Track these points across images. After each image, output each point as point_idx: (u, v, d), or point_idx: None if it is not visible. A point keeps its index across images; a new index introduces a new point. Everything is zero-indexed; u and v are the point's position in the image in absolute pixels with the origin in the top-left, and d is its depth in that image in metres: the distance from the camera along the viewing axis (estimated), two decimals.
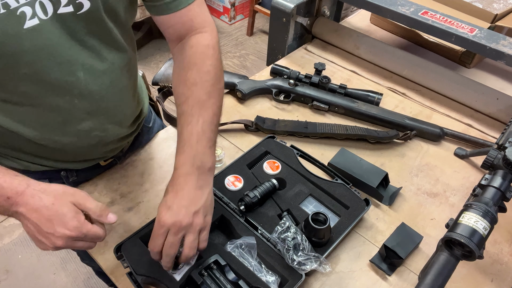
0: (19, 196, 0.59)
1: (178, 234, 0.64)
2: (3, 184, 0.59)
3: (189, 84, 0.72)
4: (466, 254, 0.64)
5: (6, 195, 0.59)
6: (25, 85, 0.64)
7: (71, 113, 0.71)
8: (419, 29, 1.13)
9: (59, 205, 0.59)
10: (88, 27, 0.65)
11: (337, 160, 0.93)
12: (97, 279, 1.74)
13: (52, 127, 0.72)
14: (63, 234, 0.59)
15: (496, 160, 0.73)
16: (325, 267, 0.70)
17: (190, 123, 0.69)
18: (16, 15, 0.56)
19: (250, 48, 3.16)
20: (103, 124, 0.77)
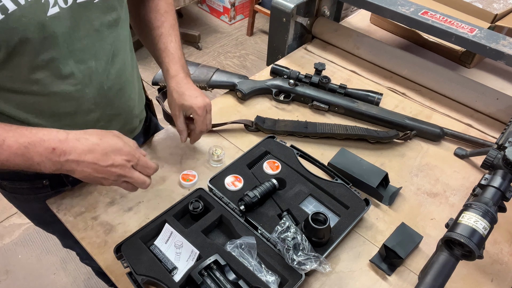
0: (63, 143, 0.60)
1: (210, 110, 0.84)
2: (43, 137, 0.59)
3: (162, 11, 0.86)
4: (466, 254, 0.64)
5: (50, 147, 0.59)
6: (41, 72, 0.65)
7: (81, 103, 0.74)
8: (419, 29, 1.13)
9: (107, 139, 0.63)
10: (102, 16, 0.69)
11: (337, 160, 0.93)
12: (97, 279, 1.74)
13: (63, 117, 0.74)
14: (122, 161, 0.63)
15: (496, 160, 0.74)
16: (325, 267, 0.70)
17: (171, 41, 0.85)
18: (41, 2, 0.59)
19: (250, 48, 3.16)
20: (108, 116, 0.81)
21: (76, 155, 0.60)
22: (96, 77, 0.73)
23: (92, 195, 0.88)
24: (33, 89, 0.67)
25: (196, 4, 3.53)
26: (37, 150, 0.59)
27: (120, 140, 0.65)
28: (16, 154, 0.59)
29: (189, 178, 0.89)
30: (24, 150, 0.59)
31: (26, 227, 1.96)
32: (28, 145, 0.59)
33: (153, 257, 0.72)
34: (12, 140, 0.59)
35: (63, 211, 0.85)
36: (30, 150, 0.59)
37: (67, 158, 0.60)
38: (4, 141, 0.58)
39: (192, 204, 0.81)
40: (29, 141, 0.59)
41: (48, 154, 0.59)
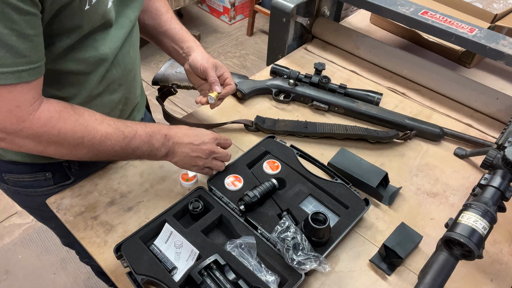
0: (170, 130, 0.78)
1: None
2: (158, 127, 0.77)
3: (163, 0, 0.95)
4: (466, 253, 0.64)
5: (164, 133, 0.77)
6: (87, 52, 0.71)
7: (110, 83, 0.80)
8: (419, 29, 1.13)
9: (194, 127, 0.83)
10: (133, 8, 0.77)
11: (337, 160, 0.93)
12: (97, 279, 1.74)
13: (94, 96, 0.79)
14: (208, 138, 0.81)
15: (495, 160, 0.74)
16: (325, 266, 0.70)
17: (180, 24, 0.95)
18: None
19: (250, 48, 3.16)
20: (126, 99, 0.87)
21: (177, 138, 0.78)
22: (123, 60, 0.80)
23: (92, 195, 0.88)
24: (78, 68, 0.72)
25: (196, 4, 3.53)
26: (156, 138, 0.76)
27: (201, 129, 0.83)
28: (144, 142, 0.75)
29: (189, 178, 0.89)
30: (149, 138, 0.75)
31: (26, 227, 1.96)
32: (151, 133, 0.75)
33: (153, 257, 0.72)
34: (141, 130, 0.75)
35: (63, 211, 0.85)
36: (153, 138, 0.76)
37: (173, 141, 0.78)
38: (136, 132, 0.74)
39: (192, 204, 0.81)
40: (152, 130, 0.76)
41: (163, 140, 0.77)
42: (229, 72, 0.94)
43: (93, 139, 0.68)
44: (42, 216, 1.05)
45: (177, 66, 1.12)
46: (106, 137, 0.70)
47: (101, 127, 0.70)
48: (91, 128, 0.68)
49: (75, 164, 0.89)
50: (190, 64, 0.92)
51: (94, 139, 0.69)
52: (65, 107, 0.67)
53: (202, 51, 0.92)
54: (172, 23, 0.93)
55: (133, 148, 0.73)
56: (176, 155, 0.79)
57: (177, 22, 0.95)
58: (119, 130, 0.72)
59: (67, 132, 0.66)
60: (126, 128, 0.73)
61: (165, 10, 0.94)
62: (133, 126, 0.74)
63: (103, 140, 0.70)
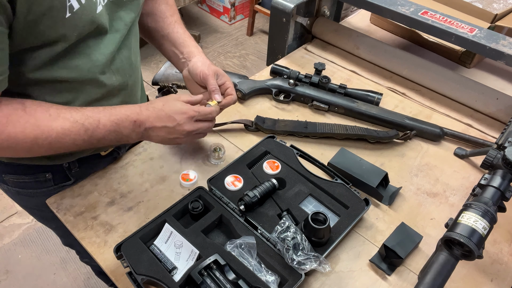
0: (139, 115, 0.73)
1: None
2: (126, 112, 0.72)
3: (170, 3, 0.94)
4: (466, 253, 0.64)
5: (132, 119, 0.72)
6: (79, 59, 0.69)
7: (109, 90, 0.79)
8: (419, 29, 1.13)
9: (168, 103, 0.75)
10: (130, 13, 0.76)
11: (337, 160, 0.93)
12: (97, 279, 1.74)
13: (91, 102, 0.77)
14: (184, 118, 0.75)
15: (495, 160, 0.74)
16: (325, 266, 0.70)
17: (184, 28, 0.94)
18: (93, 1, 0.65)
19: (250, 48, 3.16)
20: (126, 102, 0.85)
21: (149, 123, 0.73)
22: (121, 65, 0.78)
23: (92, 195, 0.88)
24: (70, 76, 0.70)
25: (196, 4, 3.53)
26: (124, 125, 0.71)
27: (179, 102, 0.76)
28: (110, 131, 0.70)
29: (189, 178, 0.89)
30: (115, 126, 0.71)
31: (26, 227, 1.96)
32: (118, 121, 0.71)
33: (153, 257, 0.72)
34: (105, 119, 0.70)
35: (63, 211, 0.85)
36: (120, 125, 0.71)
37: (145, 127, 0.73)
38: (99, 121, 0.69)
39: (192, 204, 0.81)
40: (118, 118, 0.71)
41: (132, 127, 0.72)
42: (231, 82, 0.90)
43: (48, 138, 0.65)
44: (42, 216, 1.05)
45: None
46: (63, 133, 0.66)
47: (56, 123, 0.66)
48: (44, 126, 0.65)
49: (75, 165, 0.89)
50: (189, 70, 0.88)
51: (50, 138, 0.65)
52: (15, 109, 0.64)
53: (203, 57, 0.89)
54: (175, 27, 0.91)
55: (98, 138, 0.70)
56: (152, 139, 0.77)
57: (180, 26, 0.92)
58: (78, 123, 0.67)
59: (17, 136, 0.63)
60: (86, 119, 0.68)
61: (170, 13, 0.92)
62: (95, 115, 0.69)
63: (61, 137, 0.66)
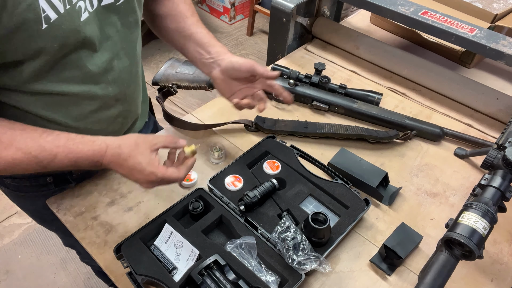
0: (103, 158, 0.68)
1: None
2: (88, 153, 0.67)
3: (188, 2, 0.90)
4: (466, 254, 0.64)
5: (94, 160, 0.68)
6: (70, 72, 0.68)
7: (105, 101, 0.77)
8: (419, 29, 1.13)
9: (134, 156, 0.68)
10: (122, 18, 0.72)
11: (337, 160, 0.93)
12: (97, 279, 1.74)
13: (87, 115, 0.76)
14: (143, 179, 0.68)
15: (495, 160, 0.74)
16: (325, 267, 0.70)
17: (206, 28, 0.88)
18: (76, 9, 0.62)
19: (250, 48, 3.16)
20: (126, 111, 0.84)
21: (111, 166, 0.69)
22: (118, 75, 0.76)
23: (92, 195, 0.88)
24: (62, 90, 0.69)
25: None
26: (83, 163, 0.68)
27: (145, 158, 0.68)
28: (66, 166, 0.67)
29: (189, 178, 0.89)
30: (73, 163, 0.67)
31: (26, 227, 1.96)
32: (76, 160, 0.67)
33: (153, 257, 0.72)
34: (62, 155, 0.66)
35: (63, 211, 0.85)
36: (79, 163, 0.67)
37: (107, 167, 0.69)
38: (55, 157, 0.65)
39: (192, 204, 0.81)
40: (77, 157, 0.67)
41: (93, 164, 0.68)
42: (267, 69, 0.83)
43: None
44: (42, 219, 1.04)
45: (177, 66, 1.12)
46: (13, 163, 0.63)
47: (7, 153, 0.63)
48: None
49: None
50: (226, 67, 0.82)
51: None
52: None
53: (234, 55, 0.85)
54: (198, 27, 0.87)
55: (52, 169, 0.67)
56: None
57: (202, 26, 0.89)
58: (31, 155, 0.64)
59: None
60: (41, 152, 0.64)
61: (190, 13, 0.88)
62: (52, 149, 0.65)
63: (10, 166, 0.63)
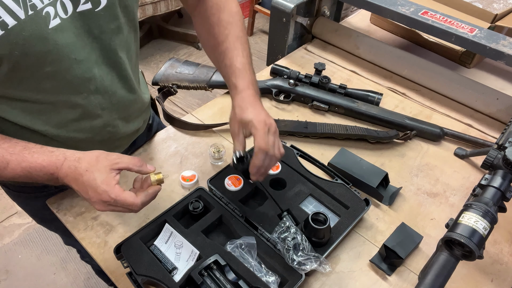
0: (59, 170, 0.64)
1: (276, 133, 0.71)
2: (43, 163, 0.64)
3: (224, 23, 0.78)
4: (466, 254, 0.64)
5: (49, 172, 0.64)
6: (47, 82, 0.66)
7: (87, 109, 0.74)
8: (419, 29, 1.13)
9: (91, 171, 0.63)
10: (104, 24, 0.68)
11: (337, 160, 0.93)
12: (97, 279, 1.74)
13: (69, 123, 0.74)
14: (96, 198, 0.63)
15: (496, 160, 0.73)
16: (325, 267, 0.70)
17: (238, 55, 0.76)
18: (42, 16, 0.59)
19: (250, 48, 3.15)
20: (114, 120, 0.81)
21: (67, 180, 0.64)
22: (101, 84, 0.73)
23: None
24: (39, 98, 0.68)
25: None
26: (38, 174, 0.64)
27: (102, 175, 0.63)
28: (20, 176, 0.64)
29: (189, 178, 0.89)
30: (27, 173, 0.64)
31: (26, 227, 1.96)
32: (30, 169, 0.64)
33: (153, 257, 0.72)
34: (15, 163, 0.64)
35: (63, 211, 0.85)
36: (33, 174, 0.64)
37: (62, 180, 0.65)
38: (8, 164, 0.63)
39: (192, 204, 0.81)
40: (31, 166, 0.64)
41: (48, 177, 0.65)
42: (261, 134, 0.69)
43: None
44: (43, 219, 1.04)
45: (177, 66, 1.12)
46: None
47: None
48: None
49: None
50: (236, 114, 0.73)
51: None
52: None
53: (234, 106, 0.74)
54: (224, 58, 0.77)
55: (8, 177, 0.65)
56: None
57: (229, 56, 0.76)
58: None
59: None
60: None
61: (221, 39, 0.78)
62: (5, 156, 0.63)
63: None
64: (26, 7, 0.57)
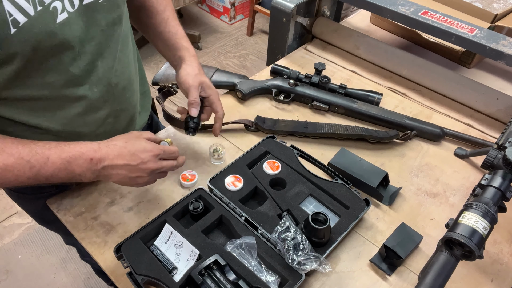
0: (97, 152, 0.67)
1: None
2: (81, 150, 0.66)
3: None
4: (466, 254, 0.64)
5: (88, 157, 0.66)
6: (51, 76, 0.66)
7: (91, 102, 0.75)
8: (419, 29, 1.12)
9: (131, 141, 0.70)
10: (107, 15, 0.70)
11: (337, 160, 0.93)
12: (97, 279, 1.74)
13: (73, 118, 0.75)
14: (149, 156, 0.69)
15: (496, 160, 0.73)
16: (325, 267, 0.70)
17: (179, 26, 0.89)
18: (49, 11, 0.59)
19: (250, 48, 3.16)
20: (116, 111, 0.82)
21: (109, 160, 0.67)
22: (103, 76, 0.74)
23: (92, 195, 0.88)
24: (44, 94, 0.68)
25: (196, 4, 3.53)
26: (77, 163, 0.66)
27: (142, 140, 0.71)
28: (60, 169, 0.65)
29: (189, 178, 0.89)
30: (67, 164, 0.65)
31: (26, 227, 1.96)
32: (70, 159, 0.65)
33: (153, 257, 0.72)
34: (55, 156, 0.64)
35: (63, 211, 0.85)
36: (72, 164, 0.65)
37: (103, 165, 0.67)
38: (48, 159, 0.64)
39: (192, 204, 0.81)
40: (70, 155, 0.65)
41: (87, 165, 0.66)
42: (217, 96, 0.85)
43: None
44: (43, 219, 1.04)
45: None
46: (5, 169, 0.62)
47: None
48: None
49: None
50: (177, 77, 0.85)
51: None
52: None
53: (192, 64, 0.84)
54: (166, 25, 0.86)
55: (46, 176, 0.65)
56: (111, 177, 0.70)
57: (173, 24, 0.87)
58: (24, 160, 0.62)
59: None
60: (33, 156, 0.63)
61: (161, 8, 0.86)
62: (44, 152, 0.64)
63: (2, 172, 0.62)
64: (35, 3, 0.57)
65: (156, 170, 0.71)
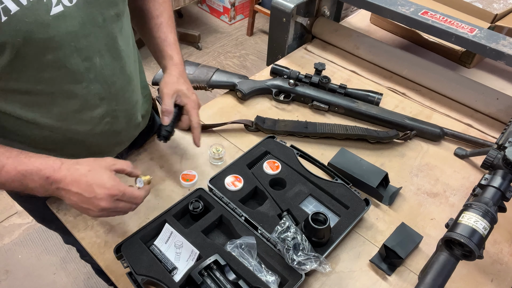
0: (56, 172, 0.64)
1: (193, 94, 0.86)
2: (40, 166, 0.64)
3: (160, 1, 0.88)
4: (466, 254, 0.64)
5: (45, 175, 0.63)
6: (48, 72, 0.66)
7: (87, 100, 0.74)
8: (419, 29, 1.13)
9: (94, 171, 0.65)
10: (105, 12, 0.69)
11: (337, 160, 0.93)
12: (97, 279, 1.74)
13: (69, 115, 0.74)
14: (104, 194, 0.64)
15: (496, 160, 0.74)
16: (325, 267, 0.70)
17: (171, 32, 0.88)
18: (43, 2, 0.59)
19: (250, 48, 3.16)
20: (114, 111, 0.81)
21: (64, 184, 0.64)
22: (100, 73, 0.73)
23: None
24: (39, 89, 0.68)
25: (196, 4, 3.53)
26: (32, 178, 0.63)
27: (107, 173, 0.66)
28: (13, 180, 0.63)
29: (189, 178, 0.89)
30: (21, 177, 0.63)
31: (26, 227, 1.96)
32: (25, 173, 0.63)
33: (153, 257, 0.72)
34: (11, 167, 0.63)
35: (63, 211, 0.85)
36: (27, 178, 0.63)
37: (57, 186, 0.64)
38: (3, 167, 0.62)
39: (192, 204, 0.81)
40: (27, 169, 0.63)
41: (42, 182, 0.64)
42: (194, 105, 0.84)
43: None
44: (43, 218, 1.04)
45: None
46: None
47: None
48: None
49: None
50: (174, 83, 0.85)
51: None
52: None
53: (171, 73, 0.85)
54: (158, 31, 0.86)
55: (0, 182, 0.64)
56: (64, 199, 0.67)
57: (165, 30, 0.87)
58: None
59: None
60: None
61: (157, 13, 0.87)
62: (2, 159, 0.63)
63: None
64: None
65: (109, 209, 0.66)
